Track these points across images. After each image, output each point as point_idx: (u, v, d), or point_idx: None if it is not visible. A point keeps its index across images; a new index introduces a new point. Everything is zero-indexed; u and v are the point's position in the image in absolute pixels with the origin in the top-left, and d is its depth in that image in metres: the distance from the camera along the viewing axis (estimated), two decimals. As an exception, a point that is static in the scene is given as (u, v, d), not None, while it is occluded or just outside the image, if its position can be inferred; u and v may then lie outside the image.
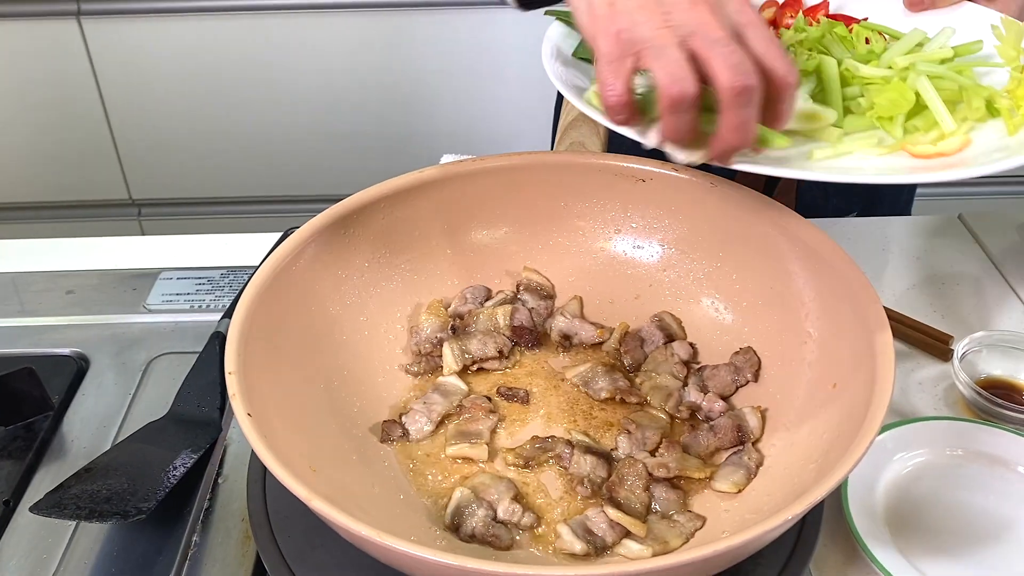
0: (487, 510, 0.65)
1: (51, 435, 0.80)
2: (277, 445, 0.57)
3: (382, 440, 0.71)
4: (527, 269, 0.83)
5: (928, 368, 0.87)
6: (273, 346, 0.67)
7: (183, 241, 1.06)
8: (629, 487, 0.67)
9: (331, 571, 0.62)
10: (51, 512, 0.66)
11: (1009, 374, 0.84)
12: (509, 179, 0.80)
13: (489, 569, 0.50)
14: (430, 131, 2.22)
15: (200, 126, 2.22)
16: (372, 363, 0.76)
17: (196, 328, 0.91)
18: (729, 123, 0.60)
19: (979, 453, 0.76)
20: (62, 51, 2.11)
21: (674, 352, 0.78)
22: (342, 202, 0.75)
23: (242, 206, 2.35)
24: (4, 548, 0.70)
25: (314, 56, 2.13)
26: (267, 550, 0.63)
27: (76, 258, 1.04)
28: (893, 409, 0.82)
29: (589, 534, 0.63)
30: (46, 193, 2.33)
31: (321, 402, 0.70)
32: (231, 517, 0.72)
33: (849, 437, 0.59)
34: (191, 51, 2.12)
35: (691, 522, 0.65)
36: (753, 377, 0.74)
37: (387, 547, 0.51)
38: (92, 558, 0.69)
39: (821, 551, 0.70)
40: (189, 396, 0.79)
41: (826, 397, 0.66)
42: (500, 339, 0.78)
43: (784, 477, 0.65)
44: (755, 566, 0.62)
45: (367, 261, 0.77)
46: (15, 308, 0.95)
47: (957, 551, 0.69)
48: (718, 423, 0.71)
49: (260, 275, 0.68)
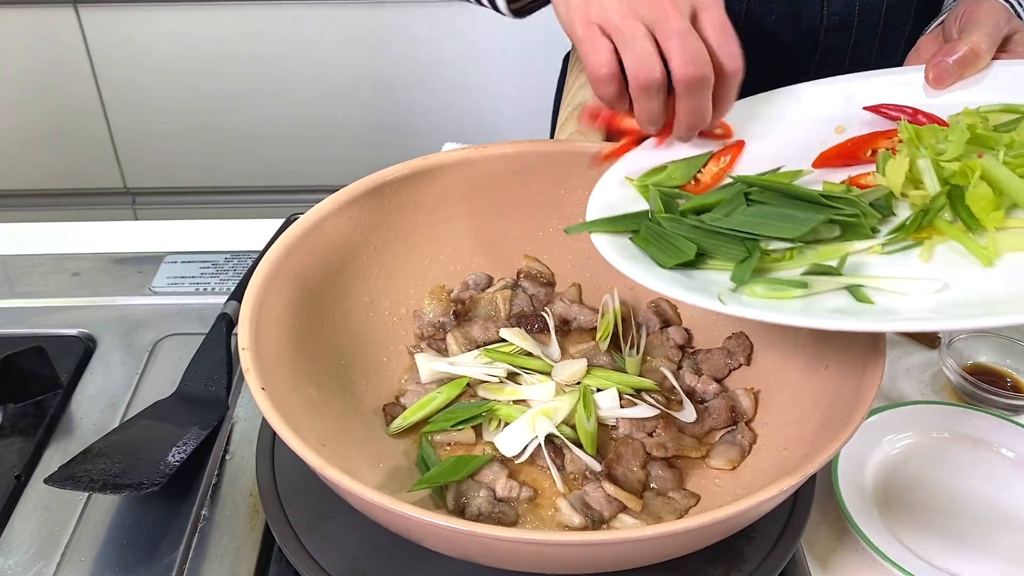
0: (487, 490, 0.67)
1: (60, 412, 0.82)
2: (289, 419, 0.58)
3: (387, 422, 0.73)
4: (527, 257, 0.85)
5: (917, 355, 0.90)
6: (283, 326, 0.69)
7: (187, 226, 1.08)
8: (626, 464, 0.69)
9: (340, 541, 0.64)
10: (65, 484, 0.68)
11: (994, 361, 0.87)
12: (510, 167, 0.82)
13: (497, 534, 0.52)
14: (431, 120, 2.23)
15: (196, 116, 2.23)
16: (378, 344, 0.78)
17: (201, 310, 0.93)
18: (684, 107, 0.66)
19: (964, 436, 0.79)
20: (59, 39, 2.12)
21: (670, 337, 0.80)
22: (349, 186, 0.77)
23: (236, 196, 2.36)
24: (16, 521, 0.72)
25: (312, 45, 2.14)
26: (277, 522, 0.65)
27: (81, 242, 1.05)
28: (883, 394, 0.85)
29: (587, 508, 0.66)
30: (41, 181, 2.33)
31: (329, 380, 0.72)
32: (238, 492, 0.74)
33: (840, 417, 0.61)
34: (188, 41, 2.13)
35: (686, 499, 0.68)
36: (746, 360, 0.77)
37: (400, 514, 0.52)
38: (103, 531, 0.71)
39: (812, 528, 0.72)
40: (196, 375, 0.81)
41: (817, 379, 0.69)
42: (501, 324, 0.80)
43: (776, 455, 0.68)
44: (748, 541, 0.65)
45: (373, 245, 0.79)
46: (22, 289, 0.97)
47: (942, 528, 0.71)
48: (712, 404, 0.74)
49: (270, 256, 0.70)
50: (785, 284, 0.59)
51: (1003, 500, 0.74)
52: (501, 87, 2.19)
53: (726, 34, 0.64)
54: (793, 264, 0.62)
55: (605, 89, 0.66)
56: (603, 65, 0.65)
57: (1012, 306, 0.55)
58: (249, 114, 2.23)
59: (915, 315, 0.56)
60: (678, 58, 0.63)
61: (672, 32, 0.63)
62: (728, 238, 0.63)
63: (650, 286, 0.60)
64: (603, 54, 0.64)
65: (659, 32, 0.63)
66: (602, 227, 0.66)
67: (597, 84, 0.66)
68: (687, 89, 0.64)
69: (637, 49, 0.63)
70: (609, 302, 0.80)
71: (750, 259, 0.61)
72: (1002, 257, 0.59)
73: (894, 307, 0.57)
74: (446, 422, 0.71)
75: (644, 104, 0.66)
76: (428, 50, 2.14)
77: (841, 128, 0.74)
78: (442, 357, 0.77)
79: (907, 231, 0.61)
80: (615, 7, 0.64)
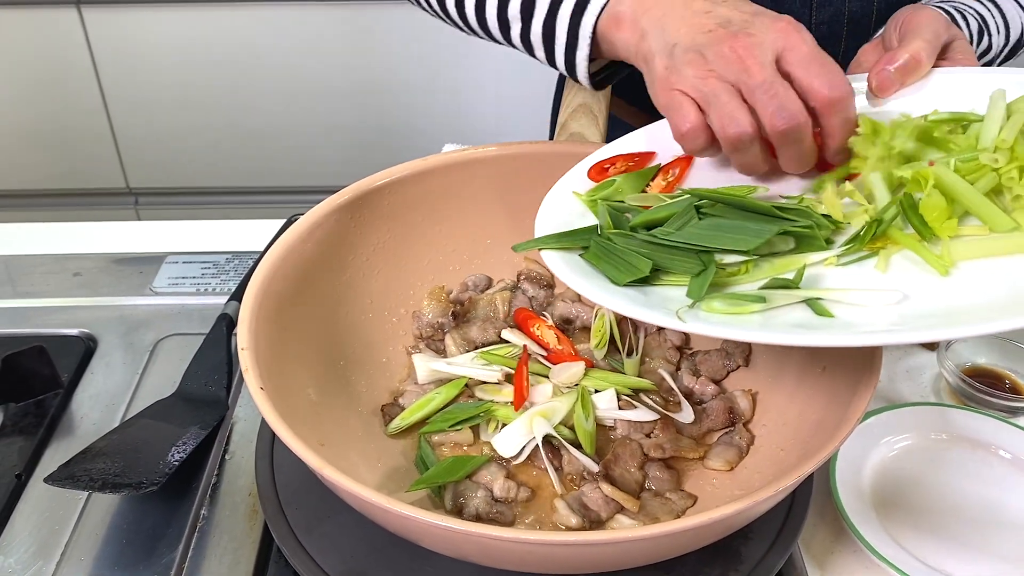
0: (485, 490, 0.67)
1: (61, 412, 0.82)
2: (288, 419, 0.59)
3: (385, 423, 0.73)
4: (527, 259, 0.85)
5: (916, 357, 0.90)
6: (282, 326, 0.69)
7: (188, 226, 1.08)
8: (624, 465, 0.69)
9: (338, 541, 0.64)
10: (65, 483, 0.68)
11: (993, 363, 0.87)
12: (510, 168, 0.83)
13: (494, 534, 0.52)
14: (431, 121, 2.23)
15: (198, 116, 2.23)
16: (377, 344, 0.78)
17: (202, 311, 0.93)
18: (785, 158, 0.65)
19: (962, 437, 0.79)
20: (62, 40, 2.12)
21: (667, 338, 0.80)
22: (349, 187, 0.77)
23: (238, 196, 2.36)
24: (17, 520, 0.72)
25: (314, 47, 2.14)
26: (275, 522, 0.65)
27: (82, 242, 1.06)
28: (881, 395, 0.85)
29: (584, 509, 0.66)
30: (44, 181, 2.34)
31: (329, 380, 0.72)
32: (238, 492, 0.74)
33: (836, 418, 0.61)
34: (191, 41, 2.13)
35: (683, 500, 0.68)
36: (744, 362, 0.77)
37: (398, 514, 0.53)
38: (103, 530, 0.71)
39: (809, 529, 0.73)
40: (197, 375, 0.81)
41: (815, 380, 0.69)
42: (500, 325, 0.80)
43: (773, 456, 0.68)
44: (745, 541, 0.65)
45: (373, 246, 0.79)
46: (23, 289, 0.97)
47: (940, 530, 0.72)
48: (710, 405, 0.74)
49: (270, 257, 0.70)
50: (743, 299, 0.58)
51: (1001, 502, 0.74)
52: (501, 89, 2.20)
53: (818, 64, 0.63)
54: (748, 278, 0.61)
55: (693, 144, 0.65)
56: (685, 121, 0.64)
57: (972, 315, 0.54)
58: (251, 115, 2.23)
59: (876, 328, 0.55)
60: (764, 112, 0.62)
61: (755, 86, 0.62)
62: (682, 252, 0.62)
63: (605, 304, 0.59)
64: (686, 112, 0.64)
65: (743, 88, 0.62)
66: (551, 243, 0.65)
67: (683, 141, 0.65)
68: (781, 141, 0.63)
69: (721, 107, 0.62)
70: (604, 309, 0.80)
71: (706, 273, 0.60)
72: (957, 266, 0.58)
73: (854, 320, 0.56)
74: (444, 423, 0.72)
75: (739, 158, 0.65)
76: (429, 52, 2.15)
77: None
78: (440, 358, 0.77)
79: (861, 241, 0.61)
80: (693, 72, 0.63)
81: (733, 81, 0.63)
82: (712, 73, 0.63)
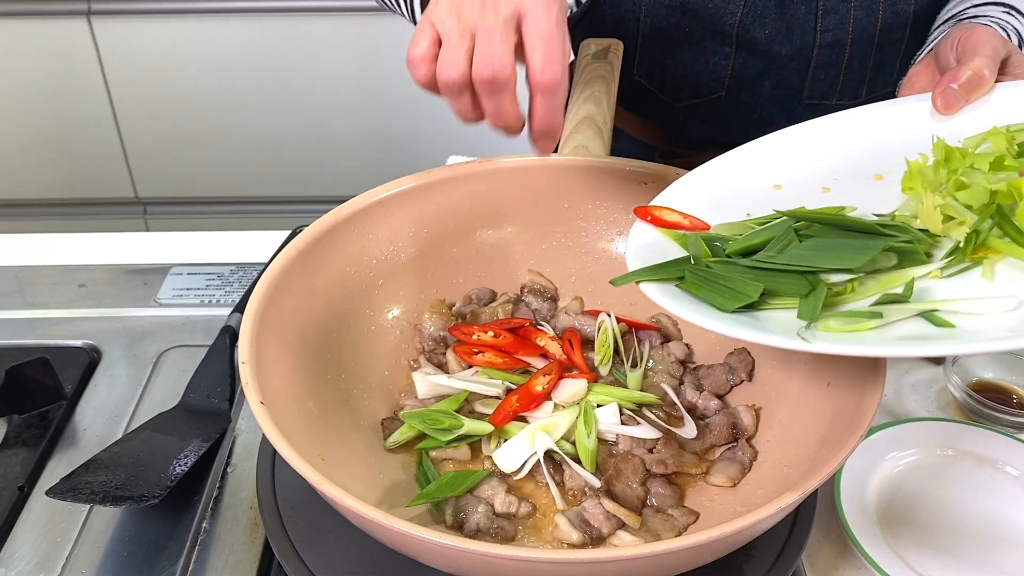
0: (486, 505, 0.67)
1: (64, 424, 0.82)
2: (288, 433, 0.59)
3: (385, 437, 0.73)
4: (531, 272, 0.85)
5: (922, 371, 0.89)
6: (283, 339, 0.69)
7: (193, 238, 1.09)
8: (626, 481, 0.69)
9: (338, 556, 0.64)
10: (66, 496, 0.68)
11: (1000, 378, 0.86)
12: (514, 181, 0.83)
13: (493, 551, 0.52)
14: (436, 133, 2.24)
15: (207, 126, 2.24)
16: (379, 357, 0.78)
17: (206, 322, 0.93)
18: (487, 109, 0.67)
19: (968, 453, 0.78)
20: (71, 50, 2.14)
21: (670, 352, 0.80)
22: (352, 200, 0.77)
23: (247, 206, 2.37)
24: (19, 532, 0.72)
25: (321, 58, 2.15)
26: (276, 536, 0.65)
27: (87, 253, 1.06)
28: (887, 410, 0.84)
29: (586, 525, 0.65)
30: (53, 191, 2.35)
31: (329, 394, 0.72)
32: (240, 505, 0.74)
33: (841, 433, 0.61)
34: (200, 52, 2.14)
35: (684, 517, 0.67)
36: (747, 376, 0.76)
37: (396, 531, 0.52)
38: (104, 542, 0.71)
39: (814, 545, 0.72)
40: (200, 387, 0.81)
41: (819, 395, 0.68)
42: (503, 337, 0.80)
43: (777, 472, 0.67)
44: (748, 558, 0.64)
45: (375, 259, 0.79)
46: (28, 301, 0.98)
47: (946, 547, 0.71)
48: (713, 420, 0.73)
49: (272, 270, 0.70)
50: (859, 316, 0.57)
51: (1007, 518, 0.73)
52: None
53: (546, 43, 0.64)
54: (856, 296, 0.60)
55: (416, 72, 0.67)
56: (417, 50, 0.66)
57: None
58: (259, 125, 2.24)
59: (1001, 334, 0.55)
60: (476, 56, 0.64)
61: (479, 31, 0.64)
62: (788, 274, 0.61)
63: (719, 331, 0.58)
64: (421, 41, 0.66)
65: (475, 32, 0.64)
66: (647, 276, 0.65)
67: (409, 66, 0.67)
68: (480, 88, 0.65)
69: (448, 48, 0.65)
70: (607, 322, 0.79)
71: (816, 292, 0.59)
72: None
73: (976, 328, 0.56)
74: (442, 437, 0.71)
75: (450, 102, 0.67)
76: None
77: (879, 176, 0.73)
78: (441, 372, 0.77)
79: (964, 252, 0.60)
80: (445, 9, 0.65)
81: (471, 27, 0.64)
82: (456, 14, 0.65)
